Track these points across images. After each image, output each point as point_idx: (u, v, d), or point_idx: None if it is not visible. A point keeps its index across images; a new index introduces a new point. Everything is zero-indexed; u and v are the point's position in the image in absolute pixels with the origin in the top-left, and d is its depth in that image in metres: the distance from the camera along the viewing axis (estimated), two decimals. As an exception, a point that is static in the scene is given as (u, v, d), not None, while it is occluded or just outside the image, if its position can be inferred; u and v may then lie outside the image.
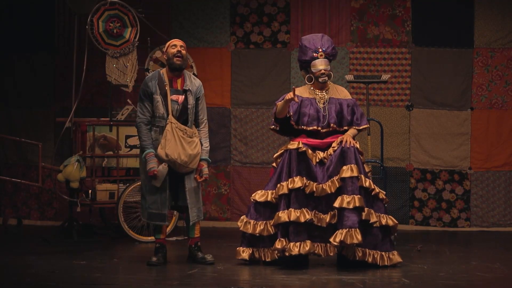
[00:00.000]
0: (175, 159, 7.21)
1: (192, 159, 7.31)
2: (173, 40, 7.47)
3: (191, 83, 7.42)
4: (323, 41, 7.47)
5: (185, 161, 7.26)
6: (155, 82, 7.32)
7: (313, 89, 7.48)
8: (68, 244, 8.54)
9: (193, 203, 7.37)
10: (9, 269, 7.09)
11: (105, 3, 9.05)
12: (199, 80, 7.55)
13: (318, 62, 7.38)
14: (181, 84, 7.38)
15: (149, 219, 7.37)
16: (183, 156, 7.24)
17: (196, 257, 7.45)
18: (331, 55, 7.45)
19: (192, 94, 7.38)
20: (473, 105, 10.05)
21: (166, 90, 7.30)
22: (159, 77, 7.36)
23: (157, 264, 7.27)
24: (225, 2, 10.30)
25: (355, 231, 6.93)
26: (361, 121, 7.44)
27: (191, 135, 7.33)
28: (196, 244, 7.50)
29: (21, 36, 10.32)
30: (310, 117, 7.35)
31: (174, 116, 7.29)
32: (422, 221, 10.06)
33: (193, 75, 7.63)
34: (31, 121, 10.31)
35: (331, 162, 7.16)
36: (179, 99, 7.32)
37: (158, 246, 7.44)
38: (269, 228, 7.24)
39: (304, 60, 7.45)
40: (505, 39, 10.02)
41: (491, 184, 10.02)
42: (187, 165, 7.29)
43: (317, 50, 7.41)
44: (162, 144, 7.23)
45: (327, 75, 7.39)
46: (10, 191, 10.35)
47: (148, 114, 7.32)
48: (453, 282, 6.56)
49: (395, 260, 7.26)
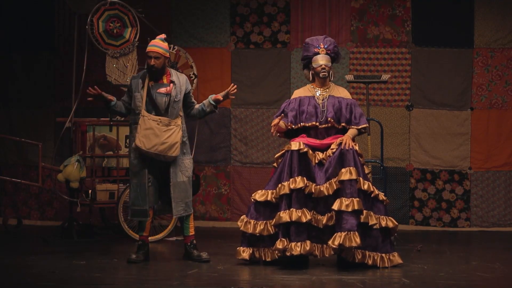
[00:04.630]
0: (147, 149, 7.24)
1: (171, 146, 7.30)
2: (148, 48, 7.46)
3: (177, 77, 7.51)
4: (325, 40, 7.60)
5: (160, 149, 7.27)
6: (138, 79, 7.46)
7: (313, 87, 7.52)
8: (68, 244, 8.54)
9: (179, 197, 7.40)
10: (9, 269, 7.09)
11: (105, 3, 9.05)
12: (184, 76, 7.63)
13: (320, 57, 7.46)
14: (167, 79, 7.48)
15: (132, 215, 7.48)
16: (159, 145, 7.26)
17: (191, 255, 7.50)
18: (333, 52, 7.53)
19: (177, 88, 7.43)
20: (473, 105, 10.05)
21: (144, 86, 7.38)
22: (143, 75, 7.50)
23: (136, 261, 7.33)
24: (225, 2, 10.30)
25: (353, 234, 6.93)
26: (360, 121, 7.44)
27: (167, 123, 7.33)
28: (192, 242, 7.56)
29: (21, 36, 10.31)
30: (308, 113, 7.40)
31: (162, 109, 7.34)
32: (422, 221, 10.06)
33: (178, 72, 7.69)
34: (31, 121, 10.31)
35: (330, 164, 7.16)
36: (167, 89, 7.37)
37: (140, 243, 7.53)
38: (269, 227, 7.24)
39: (306, 56, 7.54)
40: (505, 39, 10.02)
41: (491, 184, 10.02)
42: (166, 153, 7.29)
43: (319, 46, 7.51)
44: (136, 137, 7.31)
45: (327, 71, 7.42)
46: (10, 191, 10.34)
47: (128, 105, 7.50)
48: (453, 282, 6.57)
49: (396, 262, 7.26)
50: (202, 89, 9.95)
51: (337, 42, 10.05)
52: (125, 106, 7.54)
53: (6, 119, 10.36)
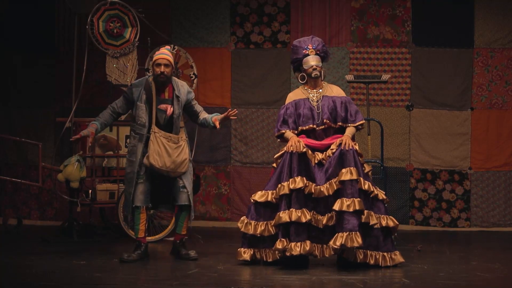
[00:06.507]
0: (160, 167, 7.36)
1: (179, 164, 7.45)
2: (158, 56, 7.49)
3: (179, 90, 7.53)
4: (313, 40, 7.59)
5: (171, 168, 7.40)
6: (141, 89, 7.46)
7: (306, 89, 7.53)
8: (68, 244, 8.54)
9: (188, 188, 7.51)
10: (9, 269, 7.09)
11: (105, 3, 9.05)
12: (186, 85, 7.65)
13: (310, 58, 7.47)
14: (169, 93, 7.50)
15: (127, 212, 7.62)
16: (169, 163, 7.39)
17: (179, 253, 7.57)
18: (322, 52, 7.54)
19: (179, 101, 7.47)
20: (473, 105, 10.05)
21: (153, 100, 7.41)
22: (146, 84, 7.48)
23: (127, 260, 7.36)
24: (225, 2, 10.30)
25: (355, 234, 6.93)
26: (356, 118, 7.44)
27: (176, 140, 7.46)
28: (182, 240, 7.63)
29: (21, 36, 10.31)
30: (305, 117, 7.40)
31: (161, 124, 7.41)
32: (422, 221, 10.06)
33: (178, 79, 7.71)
34: (31, 121, 10.30)
35: (330, 164, 7.16)
36: (167, 110, 7.42)
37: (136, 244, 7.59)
38: (270, 228, 7.24)
39: (296, 59, 7.55)
40: (505, 39, 10.02)
41: (491, 184, 10.02)
42: (175, 171, 7.44)
43: (307, 47, 7.50)
44: (147, 154, 7.36)
45: (319, 71, 7.43)
46: (10, 191, 10.34)
47: (120, 110, 7.57)
48: (453, 282, 6.56)
49: (397, 261, 7.26)
50: (202, 89, 9.96)
51: (337, 42, 10.11)
52: (113, 114, 7.58)
53: (6, 119, 10.36)
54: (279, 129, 7.46)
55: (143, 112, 7.41)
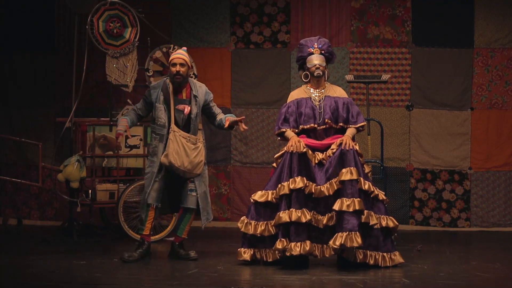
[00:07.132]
0: (178, 166, 7.40)
1: (196, 165, 7.51)
2: (173, 56, 7.58)
3: (197, 91, 7.59)
4: (319, 40, 7.61)
5: (188, 168, 7.45)
6: (159, 90, 7.55)
7: (309, 88, 7.54)
8: (68, 244, 8.54)
9: (204, 208, 7.57)
10: (9, 269, 7.09)
11: (105, 3, 9.05)
12: (204, 86, 7.71)
13: (314, 57, 7.48)
14: (186, 93, 7.55)
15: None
16: (187, 163, 7.43)
17: (179, 254, 7.60)
18: (327, 52, 7.54)
19: (197, 102, 7.52)
20: (473, 105, 10.05)
21: (170, 100, 7.46)
22: (164, 86, 7.55)
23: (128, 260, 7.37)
24: (225, 2, 10.30)
25: (355, 234, 6.93)
26: (358, 119, 7.45)
27: (194, 141, 7.53)
28: (181, 242, 7.66)
29: (21, 36, 10.31)
30: (306, 116, 7.41)
31: (180, 124, 7.44)
32: (422, 221, 10.06)
33: (195, 80, 7.74)
34: (31, 121, 10.30)
35: (330, 164, 7.16)
36: (185, 110, 7.46)
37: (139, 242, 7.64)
38: (270, 228, 7.24)
39: (301, 57, 7.56)
40: (505, 39, 10.02)
41: (491, 184, 10.02)
42: (191, 172, 7.48)
43: (313, 46, 7.52)
44: (166, 152, 7.39)
45: (322, 70, 7.43)
46: (10, 191, 10.34)
47: (140, 113, 7.63)
48: (453, 282, 6.56)
49: (397, 261, 7.27)
50: (202, 89, 9.95)
51: (337, 42, 10.11)
52: (137, 115, 7.65)
53: (6, 119, 10.36)
54: (279, 127, 7.46)
55: (162, 113, 7.48)
